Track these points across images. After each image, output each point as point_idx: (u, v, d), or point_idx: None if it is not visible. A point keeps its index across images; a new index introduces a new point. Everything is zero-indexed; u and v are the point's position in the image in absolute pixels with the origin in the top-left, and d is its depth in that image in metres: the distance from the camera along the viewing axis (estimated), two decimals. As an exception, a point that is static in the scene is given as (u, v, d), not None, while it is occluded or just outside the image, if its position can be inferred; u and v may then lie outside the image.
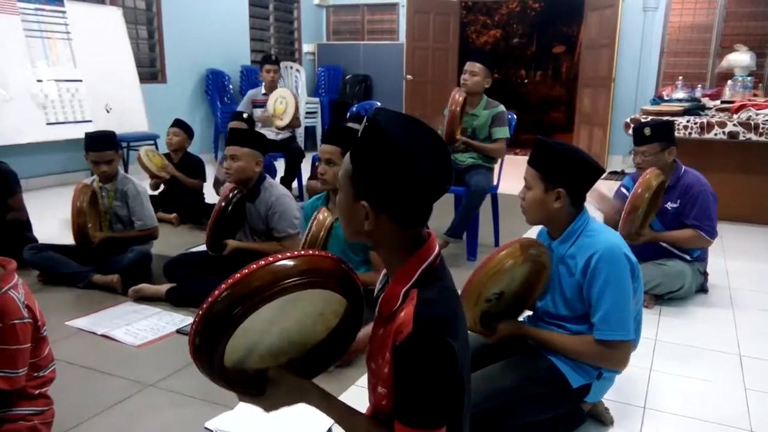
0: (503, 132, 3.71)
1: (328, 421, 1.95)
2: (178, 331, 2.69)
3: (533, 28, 13.31)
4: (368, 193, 1.06)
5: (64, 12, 5.77)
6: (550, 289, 1.88)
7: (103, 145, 3.16)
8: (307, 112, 8.21)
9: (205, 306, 1.01)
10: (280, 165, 5.45)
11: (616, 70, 7.17)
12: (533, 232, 3.76)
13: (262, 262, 1.02)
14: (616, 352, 1.76)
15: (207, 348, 1.03)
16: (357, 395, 1.20)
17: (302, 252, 1.08)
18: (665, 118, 4.30)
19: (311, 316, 1.14)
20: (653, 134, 2.90)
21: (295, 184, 5.40)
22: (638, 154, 2.97)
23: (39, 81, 5.50)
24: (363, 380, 2.18)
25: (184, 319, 2.81)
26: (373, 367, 1.19)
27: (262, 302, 1.00)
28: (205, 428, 1.97)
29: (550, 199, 1.77)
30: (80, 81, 5.82)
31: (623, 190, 3.20)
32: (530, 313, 2.01)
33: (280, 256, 1.04)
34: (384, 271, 1.23)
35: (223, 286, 1.00)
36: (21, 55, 5.40)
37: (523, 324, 1.94)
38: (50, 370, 1.75)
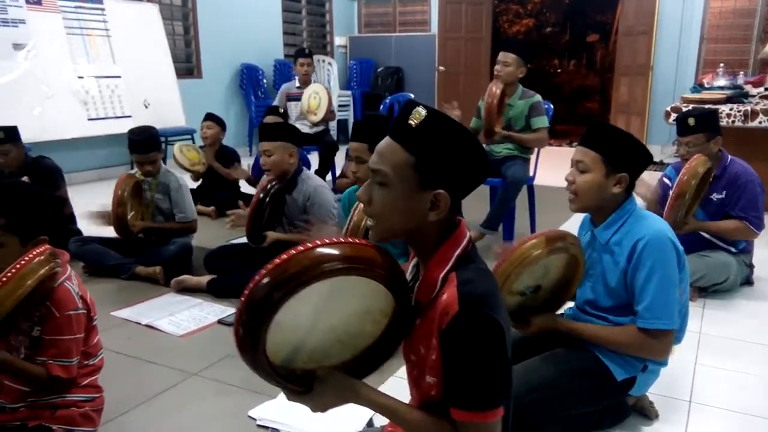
0: (543, 121, 3.66)
1: (370, 411, 1.98)
2: (220, 322, 2.74)
3: (566, 17, 13.09)
4: (440, 180, 1.06)
5: (103, 9, 5.89)
6: (592, 279, 1.84)
7: (146, 148, 3.23)
8: (338, 105, 8.23)
9: (246, 293, 1.01)
10: (314, 158, 5.48)
11: (655, 58, 7.02)
12: (570, 223, 3.71)
13: (302, 248, 1.02)
14: (658, 342, 1.71)
15: (250, 337, 1.02)
16: (397, 386, 1.21)
17: (344, 239, 1.06)
18: (707, 106, 4.19)
19: (358, 313, 1.12)
20: (698, 124, 2.83)
21: (329, 176, 5.43)
22: (682, 145, 2.90)
23: (80, 78, 5.63)
24: (402, 371, 2.19)
25: (225, 310, 2.86)
26: (414, 359, 1.18)
27: (302, 285, 0.99)
28: (249, 416, 2.00)
29: (610, 184, 1.72)
30: (119, 77, 5.95)
31: (665, 180, 3.13)
32: (572, 304, 1.98)
33: (319, 242, 1.03)
34: (414, 261, 1.22)
35: (263, 271, 1.00)
36: (62, 52, 5.53)
37: (560, 317, 1.90)
38: (99, 358, 1.80)
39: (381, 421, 1.89)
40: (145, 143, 3.24)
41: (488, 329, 1.03)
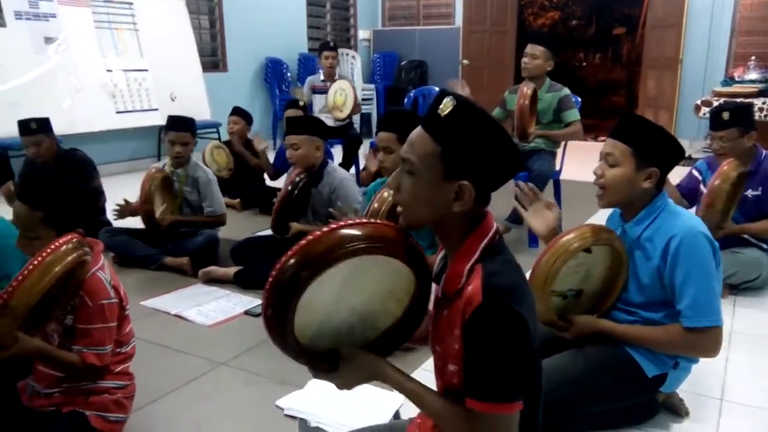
0: (574, 114, 3.62)
1: (397, 403, 1.99)
2: (247, 312, 2.77)
3: (592, 10, 12.90)
4: (465, 171, 1.06)
5: (131, 3, 5.97)
6: (624, 274, 1.82)
7: (181, 127, 3.33)
8: (362, 99, 8.24)
9: (273, 274, 1.03)
10: (338, 151, 5.50)
11: (684, 51, 6.90)
12: (596, 219, 3.67)
13: (326, 229, 1.04)
14: (707, 339, 1.67)
15: (279, 317, 1.05)
16: (423, 378, 1.21)
17: (365, 220, 1.09)
18: (739, 100, 4.10)
19: (380, 293, 1.14)
20: (732, 118, 2.77)
21: (352, 170, 5.44)
22: (715, 139, 2.84)
23: (109, 71, 5.72)
24: (428, 364, 2.20)
25: (251, 301, 2.89)
26: (439, 350, 1.18)
27: (327, 265, 1.01)
28: (277, 406, 2.03)
29: (640, 178, 1.69)
30: (146, 71, 6.02)
31: (695, 173, 3.07)
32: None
33: (342, 224, 1.06)
34: (441, 254, 1.22)
35: (290, 252, 1.02)
36: (91, 46, 5.62)
37: (600, 319, 1.87)
38: (131, 346, 1.83)
39: (408, 413, 1.90)
40: (182, 121, 3.37)
41: (510, 322, 1.03)
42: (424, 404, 1.16)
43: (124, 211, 3.31)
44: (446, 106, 1.05)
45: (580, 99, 3.89)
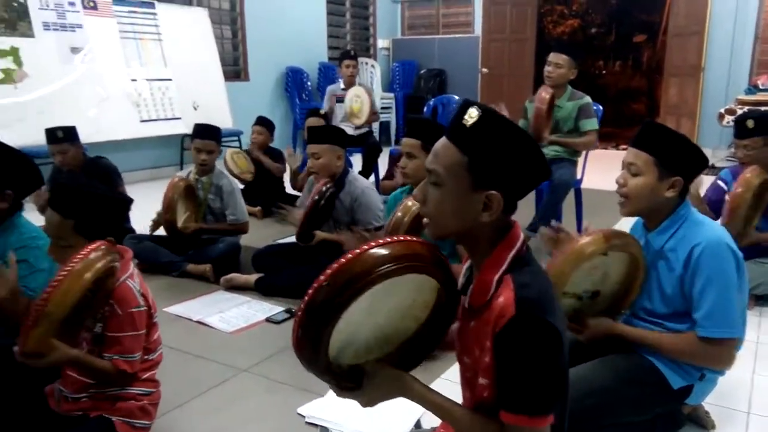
0: (592, 123, 3.61)
1: (418, 412, 1.99)
2: (268, 320, 2.79)
3: (612, 17, 12.81)
4: (492, 181, 1.06)
5: (155, 14, 6.07)
6: (647, 285, 1.80)
7: (208, 135, 3.39)
8: (381, 108, 8.26)
9: (306, 298, 1.03)
10: (357, 160, 5.52)
11: (706, 58, 6.83)
12: (620, 227, 3.64)
13: (357, 251, 1.04)
14: (721, 351, 1.66)
15: (311, 338, 1.04)
16: (444, 388, 1.21)
17: (394, 238, 1.09)
18: (763, 108, 4.05)
19: (402, 308, 1.14)
20: (757, 127, 2.73)
21: (372, 178, 5.46)
22: (740, 147, 2.80)
23: (133, 80, 5.82)
24: (449, 373, 2.19)
25: (272, 308, 2.91)
26: (467, 361, 1.18)
27: (363, 289, 1.01)
28: (298, 414, 2.03)
29: (663, 188, 1.67)
30: (170, 80, 6.12)
31: (720, 183, 3.04)
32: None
33: (373, 244, 1.05)
34: (467, 265, 1.22)
35: (322, 277, 1.02)
36: (116, 56, 5.73)
37: (617, 322, 1.86)
38: (158, 353, 1.84)
39: (429, 422, 1.90)
40: (208, 129, 3.42)
41: (544, 335, 1.02)
42: (452, 419, 1.14)
43: (157, 224, 3.36)
44: (471, 116, 1.05)
45: (601, 107, 3.87)
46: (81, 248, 1.58)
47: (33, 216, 2.21)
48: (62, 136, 3.53)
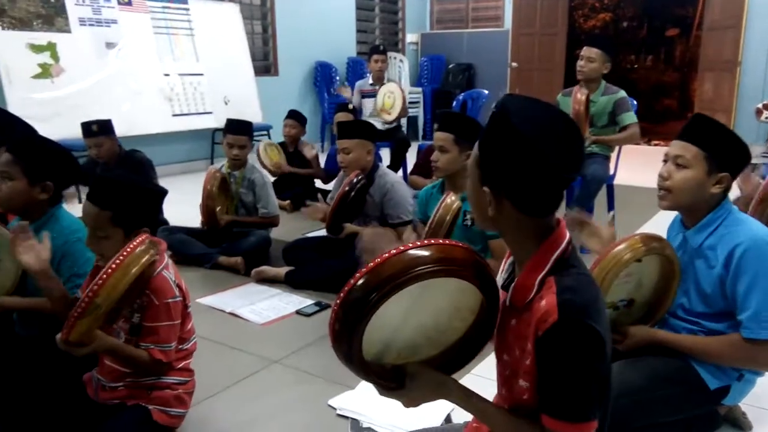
0: (631, 117, 3.55)
1: (448, 407, 1.99)
2: (298, 312, 2.82)
3: (644, 11, 12.59)
4: (491, 180, 1.06)
5: (187, 9, 6.15)
6: (684, 284, 1.76)
7: (239, 130, 3.44)
8: (409, 102, 8.25)
9: (342, 294, 1.04)
10: (385, 154, 5.52)
11: (743, 53, 6.66)
12: (651, 225, 3.58)
13: (395, 251, 1.05)
14: (766, 352, 1.60)
15: (346, 334, 1.05)
16: (475, 384, 1.21)
17: (434, 240, 1.09)
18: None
19: (446, 311, 1.14)
20: (797, 122, 2.66)
21: (400, 172, 5.46)
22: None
23: (166, 75, 5.91)
24: (478, 369, 2.18)
25: (302, 301, 2.93)
26: (506, 359, 1.17)
27: (397, 288, 1.02)
28: (329, 405, 2.05)
29: (710, 183, 1.63)
30: (202, 75, 6.20)
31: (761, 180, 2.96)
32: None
33: (411, 245, 1.06)
34: (510, 260, 1.21)
35: (358, 274, 1.03)
36: (150, 51, 5.82)
37: (656, 328, 1.82)
38: (192, 343, 1.88)
39: (459, 417, 1.90)
40: (240, 124, 3.47)
41: (587, 340, 1.01)
42: (494, 422, 1.14)
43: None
44: (492, 112, 1.06)
45: (636, 102, 3.80)
46: (118, 239, 1.63)
47: (72, 208, 2.26)
48: (97, 130, 3.60)
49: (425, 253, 1.05)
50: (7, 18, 4.91)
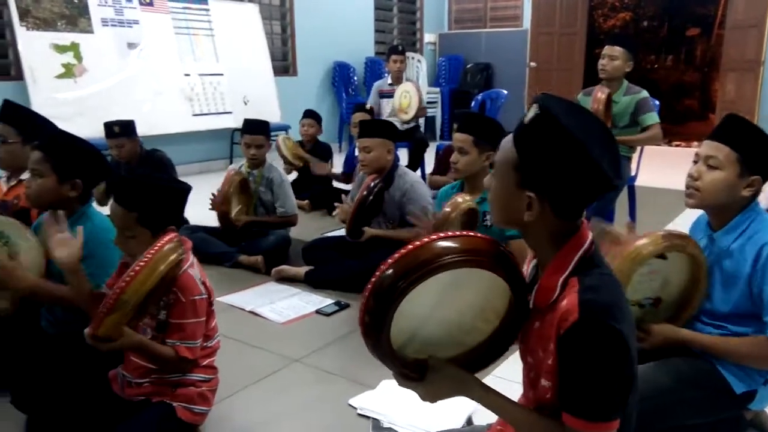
0: (653, 117, 3.50)
1: (469, 408, 1.98)
2: (318, 312, 2.83)
3: (665, 10, 12.45)
4: (535, 183, 1.04)
5: (208, 10, 6.20)
6: (710, 286, 1.74)
7: (256, 130, 3.47)
8: (427, 102, 8.25)
9: (371, 283, 1.06)
10: (404, 154, 5.52)
11: (767, 52, 6.55)
12: (675, 226, 3.54)
13: (422, 241, 1.06)
14: None
15: (375, 322, 1.07)
16: (496, 385, 1.20)
17: (460, 232, 1.10)
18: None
19: (472, 310, 1.14)
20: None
21: (418, 173, 5.45)
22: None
23: (186, 75, 5.96)
24: (500, 370, 2.18)
25: (322, 300, 2.94)
26: (531, 361, 1.17)
27: (424, 276, 1.03)
28: (349, 405, 2.06)
29: (741, 185, 1.60)
30: (221, 75, 6.24)
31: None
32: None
33: (439, 236, 1.07)
34: (533, 263, 1.21)
35: (388, 262, 1.05)
36: (170, 51, 5.87)
37: (681, 328, 1.80)
38: (216, 340, 1.90)
39: (481, 419, 1.89)
40: (257, 124, 3.50)
41: (608, 340, 1.00)
42: (514, 419, 1.14)
43: (215, 202, 3.43)
44: (530, 114, 1.04)
45: (658, 102, 3.76)
46: (145, 238, 1.65)
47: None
48: (119, 131, 3.65)
49: (453, 243, 1.06)
50: (31, 19, 4.98)
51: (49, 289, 1.90)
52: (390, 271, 1.04)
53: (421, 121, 7.33)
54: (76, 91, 5.15)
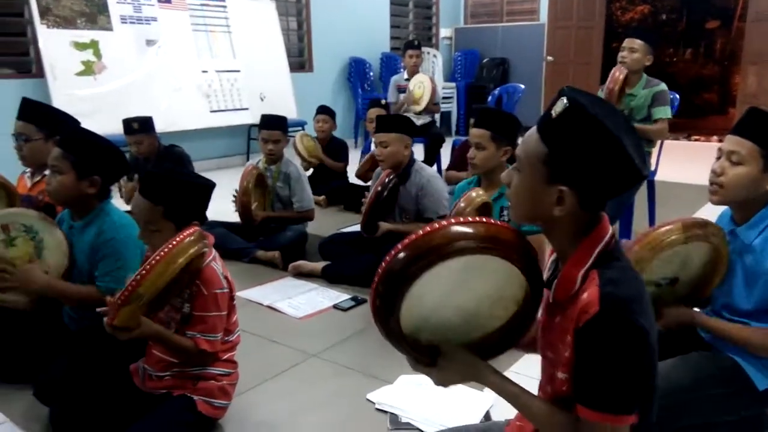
0: (665, 111, 3.45)
1: (488, 404, 1.98)
2: (335, 307, 2.84)
3: (683, 3, 12.27)
4: (568, 177, 1.03)
5: (225, 6, 6.23)
6: (732, 281, 1.72)
7: (273, 125, 3.49)
8: (443, 98, 8.23)
9: (383, 265, 1.05)
10: (419, 149, 5.51)
11: (790, 45, 6.45)
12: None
13: (438, 225, 1.05)
14: None
15: (386, 305, 1.06)
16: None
17: (476, 219, 1.08)
18: None
19: (490, 298, 1.13)
20: None
21: (434, 168, 5.44)
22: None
23: (204, 72, 5.99)
24: (518, 365, 2.18)
25: (339, 296, 2.96)
26: (550, 356, 1.16)
27: (436, 261, 1.02)
28: (367, 399, 2.07)
29: (765, 180, 1.58)
30: (238, 71, 6.27)
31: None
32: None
33: (457, 221, 1.06)
34: (552, 257, 1.20)
35: (399, 246, 1.04)
36: (188, 48, 5.91)
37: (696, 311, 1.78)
38: (236, 335, 1.91)
39: (499, 414, 1.89)
40: (274, 120, 3.52)
41: (627, 333, 1.00)
42: (527, 408, 1.14)
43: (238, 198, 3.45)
44: (558, 106, 1.02)
45: (678, 96, 3.71)
46: (170, 232, 1.66)
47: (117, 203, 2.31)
48: (138, 128, 3.68)
49: (469, 230, 1.05)
50: (51, 17, 5.04)
51: (61, 289, 1.95)
52: (402, 254, 1.04)
53: (437, 116, 7.32)
54: (95, 88, 5.21)
